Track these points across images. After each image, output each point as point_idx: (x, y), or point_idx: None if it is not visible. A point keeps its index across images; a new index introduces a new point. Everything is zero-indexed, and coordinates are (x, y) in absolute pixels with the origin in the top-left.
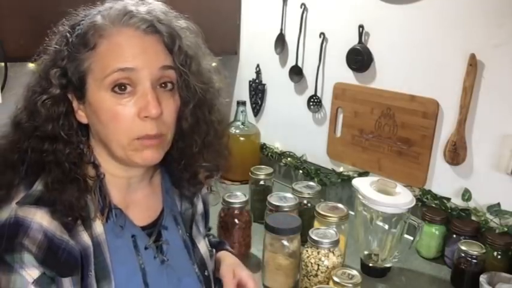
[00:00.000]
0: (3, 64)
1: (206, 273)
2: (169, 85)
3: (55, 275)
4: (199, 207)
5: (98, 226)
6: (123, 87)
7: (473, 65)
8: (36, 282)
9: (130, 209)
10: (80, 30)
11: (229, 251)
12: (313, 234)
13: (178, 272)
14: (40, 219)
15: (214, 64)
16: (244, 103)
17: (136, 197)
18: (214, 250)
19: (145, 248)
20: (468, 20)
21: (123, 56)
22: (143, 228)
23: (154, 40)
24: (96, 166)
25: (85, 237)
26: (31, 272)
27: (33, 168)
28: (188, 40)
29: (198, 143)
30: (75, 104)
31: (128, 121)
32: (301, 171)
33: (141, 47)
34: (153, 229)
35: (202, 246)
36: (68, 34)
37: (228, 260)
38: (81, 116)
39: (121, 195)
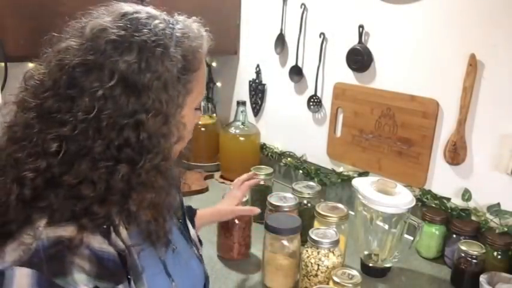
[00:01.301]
0: (3, 64)
1: (200, 252)
2: None
3: (113, 285)
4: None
5: (122, 230)
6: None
7: (473, 65)
8: None
9: None
10: (183, 50)
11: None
12: (313, 234)
13: (185, 257)
14: (73, 233)
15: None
16: (244, 103)
17: None
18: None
19: None
20: (468, 20)
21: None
22: None
23: None
24: None
25: (119, 243)
26: None
27: None
28: None
29: None
30: None
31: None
32: (301, 171)
33: None
34: None
35: (191, 229)
36: (175, 55)
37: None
38: None
39: None
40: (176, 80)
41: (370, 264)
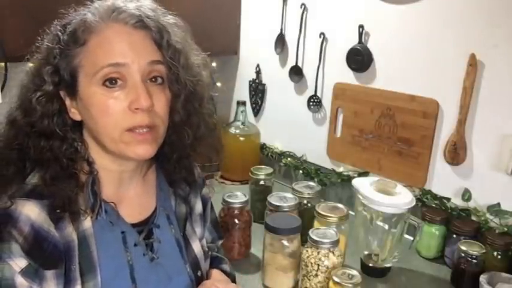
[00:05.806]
0: (3, 64)
1: (199, 274)
2: (159, 79)
3: (38, 267)
4: (197, 207)
5: (87, 221)
6: (113, 81)
7: (473, 65)
8: (23, 272)
9: (122, 206)
10: (71, 28)
11: (223, 270)
12: (313, 234)
13: (169, 271)
14: (28, 211)
15: (202, 58)
16: (244, 103)
17: (129, 194)
18: (209, 252)
19: (135, 245)
20: (468, 20)
21: (113, 51)
22: (134, 225)
23: (143, 35)
24: (90, 163)
25: (70, 231)
26: (18, 262)
27: (32, 164)
28: (176, 35)
29: (190, 136)
30: (68, 102)
31: (119, 114)
32: (301, 171)
33: (130, 42)
34: (145, 227)
35: (196, 246)
36: (59, 33)
37: (215, 276)
38: (75, 114)
39: (113, 191)
40: (57, 55)
41: (370, 264)
